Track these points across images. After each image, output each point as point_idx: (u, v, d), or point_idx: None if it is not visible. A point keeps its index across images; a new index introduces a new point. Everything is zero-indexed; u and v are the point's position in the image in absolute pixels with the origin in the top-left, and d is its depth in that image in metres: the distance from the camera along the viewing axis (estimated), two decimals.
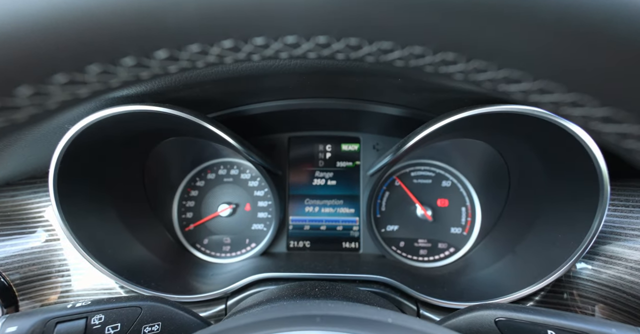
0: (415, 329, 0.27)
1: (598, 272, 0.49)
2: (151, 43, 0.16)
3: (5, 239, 0.54)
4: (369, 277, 0.60)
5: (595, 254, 0.51)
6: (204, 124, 0.53)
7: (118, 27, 0.15)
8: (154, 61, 0.17)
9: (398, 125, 0.72)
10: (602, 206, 0.45)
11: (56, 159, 0.47)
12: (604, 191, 0.44)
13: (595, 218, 0.46)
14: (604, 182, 0.44)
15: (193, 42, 0.16)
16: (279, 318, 0.29)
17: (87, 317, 0.39)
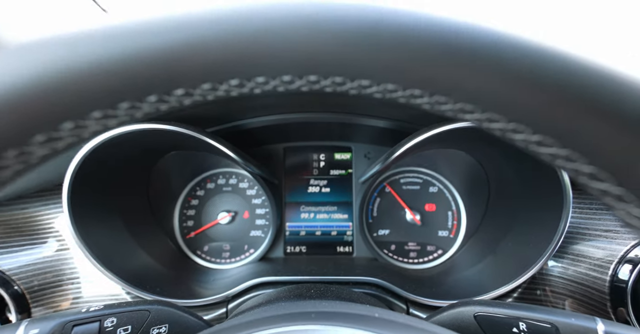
0: (397, 322, 0.31)
1: (567, 269, 0.54)
2: (173, 84, 0.20)
3: (18, 249, 0.57)
4: (362, 279, 0.63)
5: (565, 253, 0.56)
6: (204, 138, 0.57)
7: (149, 75, 0.19)
8: (173, 97, 0.21)
9: (387, 135, 0.77)
10: (566, 209, 0.50)
11: (70, 174, 0.51)
12: (566, 196, 0.49)
13: (561, 220, 0.51)
14: (566, 188, 0.49)
15: (206, 82, 0.21)
16: (278, 315, 0.33)
17: (101, 320, 0.42)
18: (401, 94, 0.22)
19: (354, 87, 0.23)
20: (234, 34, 0.18)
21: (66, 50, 0.17)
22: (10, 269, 0.55)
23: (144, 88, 0.19)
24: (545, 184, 0.55)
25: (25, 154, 0.17)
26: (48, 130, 0.17)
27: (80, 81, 0.17)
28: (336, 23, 0.18)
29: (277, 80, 0.21)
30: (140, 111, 0.21)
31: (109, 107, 0.19)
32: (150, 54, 0.17)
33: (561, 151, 0.18)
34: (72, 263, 0.59)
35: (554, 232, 0.52)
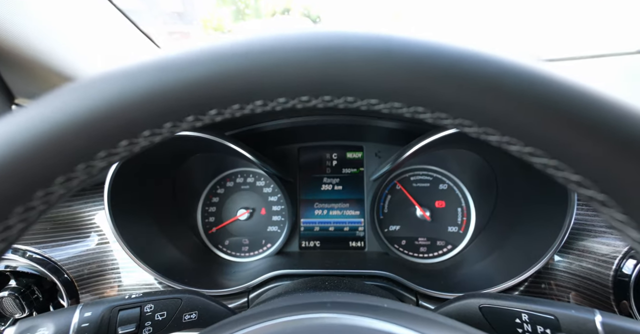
0: (405, 312, 0.35)
1: (572, 264, 0.56)
2: (207, 106, 0.24)
3: (66, 242, 0.65)
4: (374, 272, 0.67)
5: (570, 249, 0.57)
6: (224, 142, 0.62)
7: (190, 99, 0.23)
8: (207, 116, 0.25)
9: (397, 135, 0.79)
10: (571, 206, 0.52)
11: (110, 176, 0.57)
12: (571, 194, 0.51)
13: (567, 217, 0.53)
14: None
15: (235, 103, 0.25)
16: (297, 305, 0.37)
17: (141, 306, 0.48)
18: (406, 110, 0.25)
19: (364, 105, 0.26)
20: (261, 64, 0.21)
21: (122, 83, 0.20)
22: (60, 260, 0.62)
23: (185, 111, 0.23)
24: (550, 183, 0.56)
25: (90, 167, 0.21)
26: (108, 147, 0.21)
27: (138, 106, 0.21)
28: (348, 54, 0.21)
29: (296, 100, 0.25)
30: (180, 128, 0.25)
31: (156, 127, 0.23)
32: (189, 83, 0.20)
33: (551, 162, 0.20)
34: (112, 255, 0.66)
35: (560, 228, 0.54)
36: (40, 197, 0.19)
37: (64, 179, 0.19)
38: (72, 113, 0.19)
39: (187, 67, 0.21)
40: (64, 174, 0.19)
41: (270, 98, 0.22)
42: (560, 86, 0.19)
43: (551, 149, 0.20)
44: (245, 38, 0.22)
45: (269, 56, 0.20)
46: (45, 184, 0.19)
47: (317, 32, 0.21)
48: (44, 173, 0.18)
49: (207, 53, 0.21)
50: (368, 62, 0.20)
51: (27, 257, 0.60)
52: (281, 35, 0.22)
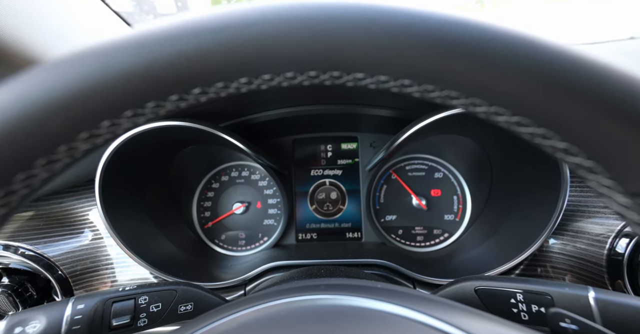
0: (396, 291, 0.35)
1: (566, 245, 0.56)
2: (190, 84, 0.24)
3: (59, 238, 0.64)
4: (371, 261, 0.67)
5: (564, 230, 0.57)
6: (218, 133, 0.61)
7: (171, 78, 0.22)
8: (191, 95, 0.24)
9: (391, 124, 0.79)
10: (564, 187, 0.52)
11: (100, 170, 0.57)
12: (564, 175, 0.51)
13: (560, 198, 0.53)
14: (563, 167, 0.51)
15: (219, 81, 0.24)
16: (293, 288, 0.37)
17: (135, 298, 0.48)
18: (393, 84, 0.25)
19: (350, 80, 0.25)
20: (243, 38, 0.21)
21: (100, 60, 0.19)
22: (54, 256, 0.62)
23: (167, 89, 0.22)
24: (544, 165, 0.56)
25: (72, 149, 0.20)
26: (90, 128, 0.20)
27: (117, 85, 0.20)
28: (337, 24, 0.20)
29: (281, 77, 0.24)
30: (164, 108, 0.24)
31: (138, 106, 0.22)
32: (170, 59, 0.20)
33: (538, 130, 0.20)
34: (106, 251, 0.66)
35: (553, 210, 0.54)
36: (22, 181, 0.18)
37: (45, 161, 0.18)
38: (50, 91, 0.18)
39: (167, 42, 0.20)
40: (45, 156, 0.18)
41: (254, 74, 0.21)
42: (543, 52, 0.19)
43: (538, 117, 0.20)
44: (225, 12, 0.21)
45: (251, 29, 0.19)
46: (25, 167, 0.18)
47: (298, 4, 0.21)
48: (23, 155, 0.18)
49: (187, 28, 0.21)
50: (357, 33, 0.19)
51: (19, 254, 0.60)
52: (261, 8, 0.21)
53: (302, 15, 0.20)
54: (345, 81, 0.24)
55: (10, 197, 0.19)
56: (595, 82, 0.18)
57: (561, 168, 0.51)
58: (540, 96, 0.19)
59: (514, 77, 0.19)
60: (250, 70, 0.21)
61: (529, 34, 0.20)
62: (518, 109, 0.20)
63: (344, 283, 0.37)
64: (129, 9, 1.47)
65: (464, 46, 0.19)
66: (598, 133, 0.19)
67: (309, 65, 0.21)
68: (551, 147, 0.21)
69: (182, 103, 0.23)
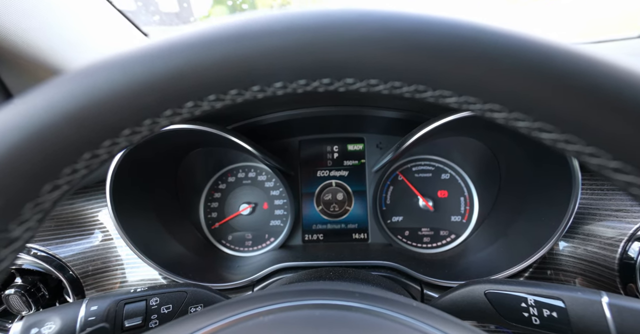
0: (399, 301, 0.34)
1: (577, 248, 0.56)
2: (206, 92, 0.24)
3: (70, 239, 0.65)
4: (378, 263, 0.67)
5: (575, 233, 0.57)
6: (226, 135, 0.61)
7: (187, 86, 0.22)
8: (205, 102, 0.24)
9: (398, 126, 0.78)
10: (575, 190, 0.51)
11: (111, 173, 0.57)
12: (575, 177, 0.51)
13: (571, 201, 0.52)
14: (575, 170, 0.51)
15: (233, 88, 0.24)
16: (293, 291, 0.36)
17: (147, 299, 0.48)
18: (406, 89, 0.24)
19: (363, 86, 0.25)
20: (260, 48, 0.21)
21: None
22: (65, 257, 0.63)
23: (183, 96, 0.22)
24: (555, 167, 0.56)
25: (114, 144, 0.21)
26: (132, 125, 0.20)
27: (141, 94, 0.20)
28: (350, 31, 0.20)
29: (294, 84, 0.24)
30: (180, 116, 0.24)
31: (156, 115, 0.22)
32: (185, 68, 0.20)
33: (561, 136, 0.20)
34: (116, 251, 0.67)
35: (564, 213, 0.54)
36: (67, 175, 0.19)
37: (90, 155, 0.20)
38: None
39: (183, 52, 0.20)
40: (90, 150, 0.20)
41: (267, 83, 0.21)
42: (571, 59, 0.18)
43: (562, 123, 0.19)
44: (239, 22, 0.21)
45: (263, 39, 0.20)
46: (71, 161, 0.19)
47: (310, 12, 0.21)
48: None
49: (203, 37, 0.21)
50: (371, 41, 0.19)
51: (32, 254, 0.61)
52: (272, 17, 0.21)
53: (314, 24, 0.20)
54: (358, 88, 0.24)
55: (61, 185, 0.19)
56: (627, 87, 0.18)
57: (572, 170, 0.51)
58: (570, 102, 0.18)
59: (543, 84, 0.18)
60: (263, 79, 0.21)
61: (553, 40, 0.20)
62: (540, 115, 0.19)
63: (351, 290, 0.36)
64: (133, 8, 1.47)
65: (488, 52, 0.18)
66: (628, 137, 0.18)
67: (322, 74, 0.21)
68: (576, 152, 0.20)
69: (197, 110, 0.23)
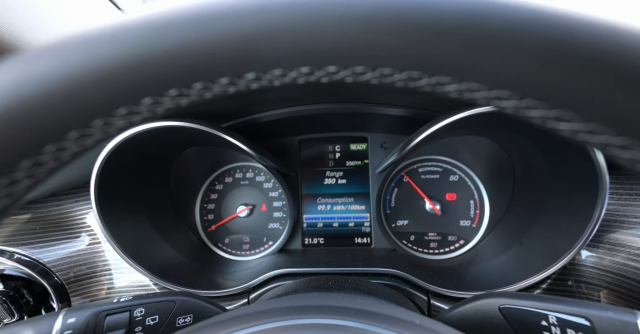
0: None
1: (602, 259, 0.51)
2: (193, 78, 0.19)
3: (56, 243, 0.62)
4: (381, 270, 0.63)
5: (600, 242, 0.52)
6: (219, 134, 0.58)
7: (169, 69, 0.18)
8: (193, 90, 0.20)
9: (403, 124, 0.74)
10: (602, 195, 0.46)
11: (96, 172, 0.54)
12: (602, 180, 0.46)
13: (596, 207, 0.47)
14: (602, 172, 0.45)
15: (223, 76, 0.20)
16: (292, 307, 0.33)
17: (130, 310, 0.45)
18: (398, 77, 0.20)
19: (349, 75, 0.21)
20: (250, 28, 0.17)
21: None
22: (50, 262, 0.60)
23: (165, 82, 0.19)
24: (577, 169, 0.51)
25: (108, 124, 0.19)
26: (129, 104, 0.18)
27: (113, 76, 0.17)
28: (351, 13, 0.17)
29: (294, 72, 0.20)
30: (161, 106, 0.21)
31: (132, 103, 0.19)
32: (166, 51, 0.17)
33: (585, 126, 0.17)
34: (104, 256, 0.63)
35: (589, 219, 0.49)
36: (52, 153, 0.18)
37: (78, 134, 0.18)
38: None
39: (149, 35, 0.18)
40: (78, 129, 0.18)
41: (263, 69, 0.18)
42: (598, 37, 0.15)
43: (585, 109, 0.16)
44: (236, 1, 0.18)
45: (261, 20, 0.17)
46: (58, 138, 0.17)
47: None
48: (56, 126, 0.17)
49: (192, 15, 0.18)
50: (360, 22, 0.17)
51: (14, 259, 0.58)
52: None
53: None
54: (344, 77, 0.21)
55: (37, 168, 0.18)
56: None
57: (599, 171, 0.46)
58: (599, 83, 0.15)
59: (561, 63, 0.15)
60: (259, 65, 0.18)
61: (573, 9, 0.16)
62: (561, 101, 0.17)
63: (349, 307, 0.33)
64: None
65: (492, 28, 0.16)
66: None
67: (328, 60, 0.18)
68: (602, 144, 0.17)
69: (183, 100, 0.20)
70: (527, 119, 0.19)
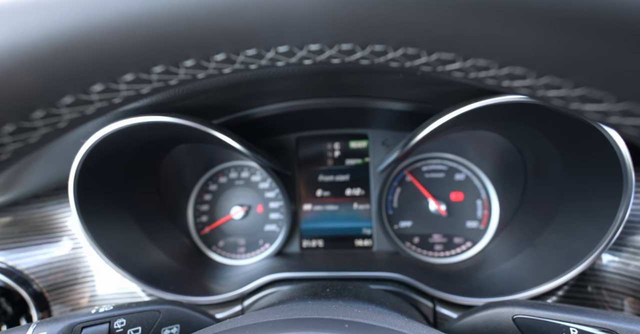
0: None
1: (627, 264, 0.47)
2: (183, 53, 0.17)
3: (36, 248, 0.58)
4: (383, 275, 0.59)
5: (623, 246, 0.47)
6: (208, 130, 0.54)
7: (153, 43, 0.16)
8: (182, 69, 0.17)
9: (406, 119, 0.70)
10: (627, 194, 0.42)
11: (74, 172, 0.50)
12: (628, 178, 0.41)
13: (620, 207, 0.43)
14: (627, 168, 0.41)
15: (220, 52, 0.17)
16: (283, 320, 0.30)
17: (110, 321, 0.41)
18: (425, 60, 0.17)
19: (366, 56, 0.18)
20: None
21: None
22: (28, 268, 0.56)
23: (151, 58, 0.16)
24: (598, 165, 0.46)
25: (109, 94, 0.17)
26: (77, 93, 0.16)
27: None
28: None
29: (272, 52, 0.17)
30: (117, 94, 0.18)
31: (109, 80, 0.17)
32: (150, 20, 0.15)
33: (616, 106, 0.14)
34: (87, 262, 0.60)
35: (610, 221, 0.44)
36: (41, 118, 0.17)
37: (44, 113, 0.17)
38: None
39: None
40: (44, 108, 0.17)
41: (234, 49, 0.16)
42: None
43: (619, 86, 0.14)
44: None
45: None
46: (20, 118, 0.16)
47: None
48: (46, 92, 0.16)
49: None
50: None
51: None
52: None
53: None
54: (359, 59, 0.18)
55: None
56: None
57: (624, 168, 0.41)
58: None
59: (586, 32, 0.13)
60: (261, 41, 0.16)
61: None
62: (588, 77, 0.14)
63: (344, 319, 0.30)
64: None
65: None
66: None
67: (343, 37, 0.16)
68: (636, 127, 0.15)
69: (172, 78, 0.19)
70: (547, 102, 0.16)
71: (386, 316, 0.32)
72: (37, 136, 0.18)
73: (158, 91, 0.19)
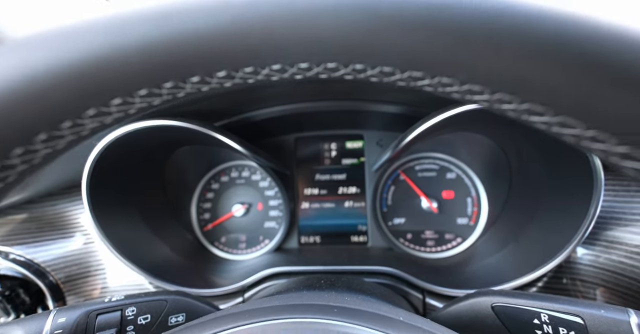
0: None
1: (599, 257, 0.50)
2: (189, 71, 0.19)
3: (51, 243, 0.62)
4: (376, 268, 0.62)
5: (596, 240, 0.51)
6: (210, 133, 0.57)
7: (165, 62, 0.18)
8: (188, 84, 0.20)
9: (399, 121, 0.73)
10: (597, 192, 0.45)
11: (87, 172, 0.54)
12: (597, 177, 0.45)
13: (592, 204, 0.46)
14: (596, 169, 0.45)
15: (221, 70, 0.19)
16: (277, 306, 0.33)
17: (122, 309, 0.45)
18: (399, 76, 0.20)
19: (349, 73, 0.21)
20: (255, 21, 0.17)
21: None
22: (45, 262, 0.60)
23: (163, 76, 0.18)
24: (573, 165, 0.50)
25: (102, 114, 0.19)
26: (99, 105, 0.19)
27: None
28: None
29: (294, 68, 0.20)
30: (160, 98, 0.20)
31: (127, 95, 0.19)
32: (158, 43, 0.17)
33: (587, 133, 0.16)
34: (98, 256, 0.64)
35: (584, 217, 0.48)
36: (43, 142, 0.18)
37: (71, 124, 0.18)
38: None
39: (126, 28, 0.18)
40: (71, 119, 0.19)
41: (262, 64, 0.19)
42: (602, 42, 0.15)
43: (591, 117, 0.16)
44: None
45: (230, 15, 0.17)
46: (51, 127, 0.18)
47: None
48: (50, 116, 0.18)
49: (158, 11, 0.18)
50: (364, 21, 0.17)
51: (9, 259, 0.58)
52: None
53: None
54: (318, 73, 0.20)
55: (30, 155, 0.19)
56: None
57: (594, 169, 0.45)
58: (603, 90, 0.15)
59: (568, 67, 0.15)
60: (258, 60, 0.19)
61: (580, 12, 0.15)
62: (564, 107, 0.16)
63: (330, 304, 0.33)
64: None
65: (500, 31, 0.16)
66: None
67: (328, 57, 0.18)
68: (603, 151, 0.17)
69: (180, 92, 0.21)
70: (528, 124, 0.19)
71: (373, 303, 0.36)
72: (63, 142, 0.21)
73: (167, 103, 0.22)
